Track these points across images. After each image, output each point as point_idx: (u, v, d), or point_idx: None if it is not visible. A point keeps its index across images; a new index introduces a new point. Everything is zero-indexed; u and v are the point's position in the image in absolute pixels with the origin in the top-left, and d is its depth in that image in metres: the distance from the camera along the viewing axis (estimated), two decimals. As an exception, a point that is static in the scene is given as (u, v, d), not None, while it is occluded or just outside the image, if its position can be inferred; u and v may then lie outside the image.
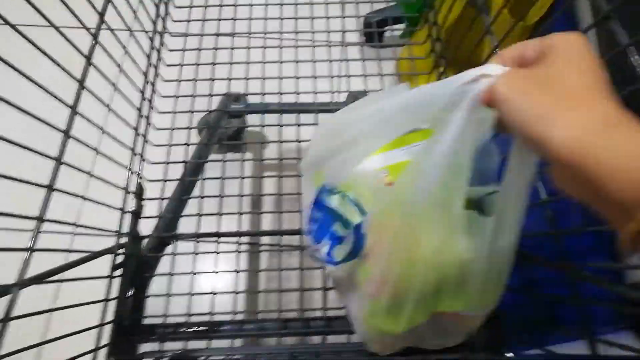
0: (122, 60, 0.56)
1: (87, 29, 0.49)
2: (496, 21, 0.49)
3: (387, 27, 0.86)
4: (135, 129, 0.60)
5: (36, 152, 0.40)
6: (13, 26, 0.39)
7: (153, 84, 0.66)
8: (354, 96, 0.77)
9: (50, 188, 0.42)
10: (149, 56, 0.66)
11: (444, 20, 0.64)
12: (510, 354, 0.53)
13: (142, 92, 0.63)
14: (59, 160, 0.43)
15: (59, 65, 0.44)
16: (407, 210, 0.39)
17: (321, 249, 0.49)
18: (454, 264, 0.40)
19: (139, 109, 0.61)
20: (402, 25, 0.92)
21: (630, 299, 0.36)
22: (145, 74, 0.64)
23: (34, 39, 0.41)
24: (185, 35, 0.75)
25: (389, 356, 0.53)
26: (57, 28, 0.45)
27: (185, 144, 0.67)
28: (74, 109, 0.46)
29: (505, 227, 0.38)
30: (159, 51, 0.69)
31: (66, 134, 0.45)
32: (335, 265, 0.49)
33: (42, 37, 0.42)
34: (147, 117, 0.63)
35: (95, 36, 0.51)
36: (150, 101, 0.65)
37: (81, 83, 0.48)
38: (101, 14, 0.53)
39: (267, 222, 0.83)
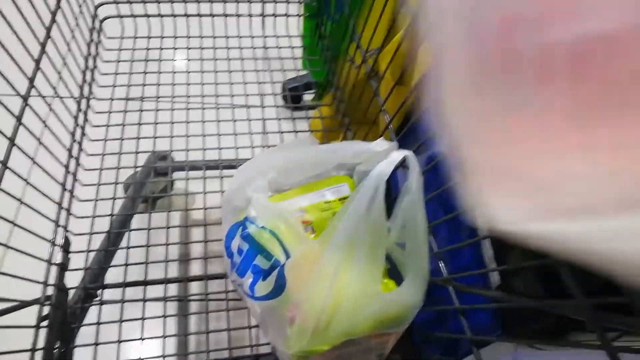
0: (50, 121, 0.60)
1: (19, 94, 0.54)
2: (385, 84, 0.60)
3: (299, 92, 0.97)
4: (63, 184, 0.62)
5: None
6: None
7: (80, 144, 0.70)
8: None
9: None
10: (76, 118, 0.70)
11: (344, 84, 0.75)
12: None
13: (70, 150, 0.66)
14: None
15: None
16: (332, 257, 0.45)
17: (244, 282, 0.54)
18: (378, 302, 0.46)
19: (66, 166, 0.64)
20: (312, 92, 1.04)
21: (495, 300, 0.45)
22: (73, 134, 0.68)
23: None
24: (111, 99, 0.80)
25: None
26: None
27: (112, 198, 0.70)
28: (4, 164, 0.49)
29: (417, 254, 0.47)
30: (85, 113, 0.74)
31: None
32: (256, 300, 0.54)
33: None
34: (74, 174, 0.67)
35: (25, 99, 0.55)
36: (77, 159, 0.68)
37: (12, 141, 0.51)
38: (31, 80, 0.57)
39: (194, 269, 0.86)
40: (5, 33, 0.53)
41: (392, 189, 0.54)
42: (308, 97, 1.33)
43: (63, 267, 0.61)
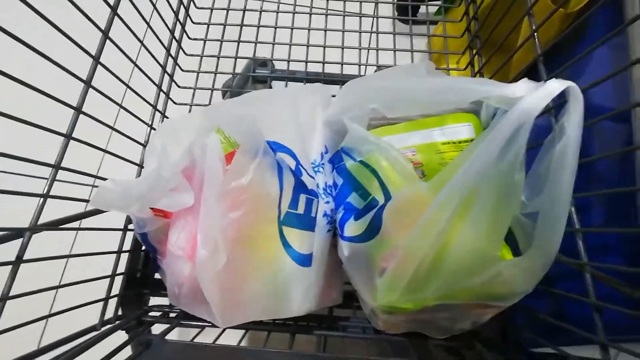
0: (149, 17, 0.55)
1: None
2: (536, 5, 0.47)
3: (421, 2, 0.84)
4: (159, 86, 0.59)
5: (56, 99, 0.40)
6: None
7: (179, 42, 0.65)
8: (382, 71, 0.75)
9: (68, 137, 0.42)
10: (176, 13, 0.65)
11: (482, -2, 0.61)
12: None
13: (168, 49, 0.62)
14: (79, 110, 0.43)
15: (84, 14, 0.43)
16: (444, 205, 0.37)
17: (337, 217, 0.48)
18: (490, 268, 0.38)
19: (164, 66, 0.61)
20: (437, 2, 0.89)
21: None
22: (172, 31, 0.64)
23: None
24: (215, -6, 0.73)
25: (395, 335, 0.53)
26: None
27: (207, 105, 0.66)
28: (96, 59, 0.46)
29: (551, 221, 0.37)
30: (187, 8, 0.68)
31: (87, 84, 0.44)
32: (345, 240, 0.48)
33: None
34: (171, 75, 0.63)
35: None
36: (175, 59, 0.64)
37: (105, 34, 0.47)
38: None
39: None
40: None
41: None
42: (431, 9, 1.18)
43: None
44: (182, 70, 0.66)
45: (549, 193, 0.37)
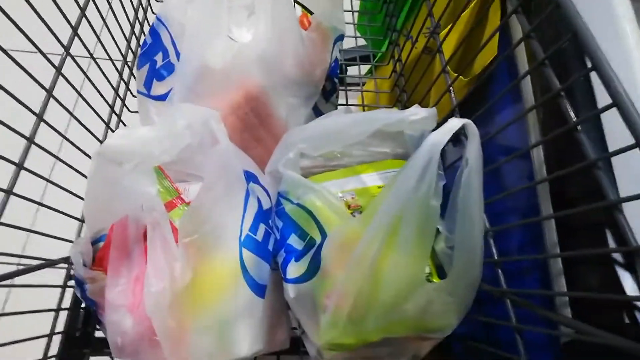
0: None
1: (62, 44, 0.51)
2: (450, 63, 0.53)
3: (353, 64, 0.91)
4: (100, 141, 0.61)
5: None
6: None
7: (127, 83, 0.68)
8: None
9: (8, 192, 0.43)
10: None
11: (406, 58, 0.68)
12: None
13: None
14: (20, 166, 0.44)
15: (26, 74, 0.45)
16: (374, 236, 0.40)
17: (279, 260, 0.50)
18: (420, 293, 0.41)
19: (107, 122, 0.62)
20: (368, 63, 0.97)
21: (560, 323, 0.38)
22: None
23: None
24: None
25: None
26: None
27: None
28: (40, 117, 0.47)
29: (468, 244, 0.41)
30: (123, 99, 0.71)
31: (30, 140, 0.45)
32: (288, 282, 0.50)
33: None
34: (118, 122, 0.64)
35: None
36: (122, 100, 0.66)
37: (49, 93, 0.49)
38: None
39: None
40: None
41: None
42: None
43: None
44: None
45: (461, 220, 0.41)
